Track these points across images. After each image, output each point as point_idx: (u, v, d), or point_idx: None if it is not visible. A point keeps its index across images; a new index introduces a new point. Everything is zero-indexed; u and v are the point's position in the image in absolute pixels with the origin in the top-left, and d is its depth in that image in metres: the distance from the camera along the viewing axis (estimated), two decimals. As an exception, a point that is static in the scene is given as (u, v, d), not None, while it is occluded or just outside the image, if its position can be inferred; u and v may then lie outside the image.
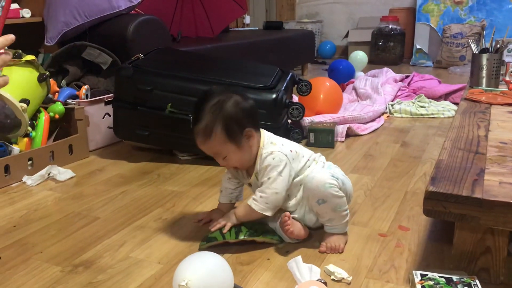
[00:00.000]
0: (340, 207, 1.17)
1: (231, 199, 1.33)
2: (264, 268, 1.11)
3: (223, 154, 1.16)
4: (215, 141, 1.13)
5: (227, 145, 1.14)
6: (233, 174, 1.29)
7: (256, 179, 1.20)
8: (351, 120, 2.28)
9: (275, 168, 1.15)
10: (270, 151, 1.17)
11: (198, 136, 1.14)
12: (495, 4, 4.24)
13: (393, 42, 4.59)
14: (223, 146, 1.14)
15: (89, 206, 1.49)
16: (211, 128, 1.12)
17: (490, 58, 1.95)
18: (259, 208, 1.15)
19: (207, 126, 1.12)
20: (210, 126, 1.12)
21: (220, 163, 1.19)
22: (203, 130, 1.12)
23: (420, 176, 1.67)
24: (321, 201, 1.15)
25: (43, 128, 1.85)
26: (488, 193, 0.94)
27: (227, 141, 1.13)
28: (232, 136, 1.13)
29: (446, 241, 1.19)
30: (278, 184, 1.15)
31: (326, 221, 1.19)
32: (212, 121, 1.12)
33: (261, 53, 3.27)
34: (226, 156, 1.16)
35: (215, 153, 1.16)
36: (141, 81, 1.81)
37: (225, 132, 1.12)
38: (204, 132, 1.12)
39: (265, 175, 1.16)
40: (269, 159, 1.16)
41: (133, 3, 2.42)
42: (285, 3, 5.57)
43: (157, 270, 1.11)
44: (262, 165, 1.17)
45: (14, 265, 1.15)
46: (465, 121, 1.48)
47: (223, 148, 1.14)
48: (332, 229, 1.20)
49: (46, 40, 2.36)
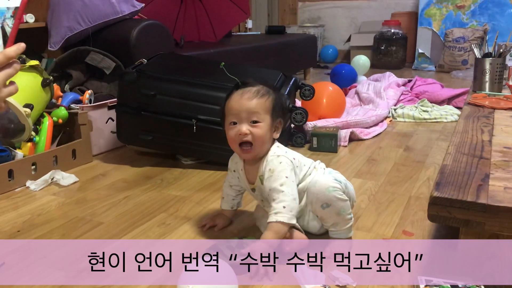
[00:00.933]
0: (344, 211, 1.17)
1: (232, 206, 1.33)
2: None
3: (259, 118, 1.14)
4: (261, 103, 1.14)
5: (266, 116, 1.15)
6: (233, 180, 1.29)
7: (260, 183, 1.19)
8: (354, 124, 2.28)
9: (283, 172, 1.14)
10: (277, 154, 1.17)
11: (246, 93, 1.14)
12: (498, 8, 4.24)
13: (395, 46, 4.59)
14: (264, 112, 1.14)
15: (93, 211, 1.49)
16: (264, 93, 1.15)
17: (493, 63, 1.95)
18: (287, 218, 1.11)
19: (261, 89, 1.16)
20: (264, 92, 1.16)
21: (241, 134, 1.14)
22: (257, 90, 1.15)
23: (423, 181, 1.67)
24: (325, 205, 1.15)
25: (46, 133, 1.86)
26: (493, 198, 0.94)
27: (269, 112, 1.15)
28: (274, 113, 1.16)
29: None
30: (292, 189, 1.14)
31: (331, 226, 1.19)
32: (266, 91, 1.16)
33: (264, 58, 3.28)
34: (259, 123, 1.14)
35: (254, 112, 1.13)
36: (145, 86, 1.82)
37: (272, 105, 1.15)
38: (257, 92, 1.15)
39: (272, 181, 1.14)
40: (275, 162, 1.15)
41: (136, 8, 2.43)
42: (287, 7, 5.58)
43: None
44: (267, 167, 1.16)
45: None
46: (469, 126, 1.47)
47: (262, 114, 1.14)
48: (336, 234, 1.19)
49: (49, 45, 2.37)
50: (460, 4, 4.39)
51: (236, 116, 1.15)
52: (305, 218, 1.23)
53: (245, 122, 1.14)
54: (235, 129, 1.15)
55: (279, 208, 1.12)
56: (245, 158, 1.19)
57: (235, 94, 1.16)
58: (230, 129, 1.16)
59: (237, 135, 1.14)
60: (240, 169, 1.24)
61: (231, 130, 1.16)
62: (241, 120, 1.14)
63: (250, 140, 1.14)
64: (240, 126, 1.14)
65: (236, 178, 1.28)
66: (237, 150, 1.18)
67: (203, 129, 1.80)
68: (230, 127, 1.16)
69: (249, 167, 1.22)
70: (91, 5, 2.31)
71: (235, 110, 1.14)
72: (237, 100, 1.15)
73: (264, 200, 1.23)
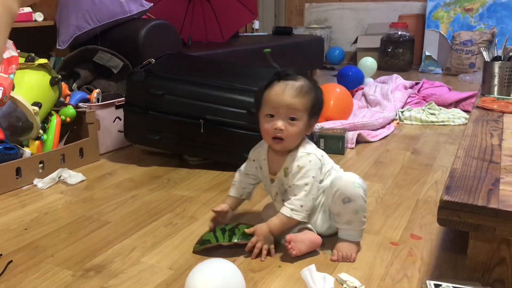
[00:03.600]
0: (362, 211, 1.17)
1: (241, 194, 1.31)
2: (276, 275, 1.10)
3: (297, 116, 1.14)
4: (302, 102, 1.14)
5: (304, 114, 1.15)
6: (251, 169, 1.28)
7: (284, 175, 1.19)
8: (361, 126, 2.28)
9: (311, 172, 1.15)
10: (307, 152, 1.17)
11: (289, 89, 1.13)
12: (506, 11, 4.22)
13: (402, 49, 4.58)
14: (303, 111, 1.14)
15: (100, 210, 1.50)
16: (306, 92, 1.14)
17: (502, 66, 1.94)
18: (301, 217, 1.15)
19: (304, 87, 1.14)
20: (306, 89, 1.14)
21: (276, 129, 1.14)
22: (299, 87, 1.14)
23: (431, 184, 1.66)
24: (347, 199, 1.15)
25: (54, 131, 1.86)
26: (504, 203, 0.93)
27: (307, 110, 1.15)
28: (312, 111, 1.16)
29: (459, 250, 1.18)
30: (314, 190, 1.16)
31: (344, 224, 1.18)
32: (309, 87, 1.15)
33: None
34: (296, 120, 1.14)
35: (293, 109, 1.13)
36: (153, 86, 1.82)
37: (312, 103, 1.15)
38: (299, 89, 1.14)
39: (299, 177, 1.15)
40: (305, 160, 1.16)
41: (145, 7, 2.43)
42: (294, 8, 5.58)
43: (168, 276, 1.11)
44: (295, 162, 1.16)
45: (25, 269, 1.15)
46: (478, 130, 1.47)
47: (301, 112, 1.14)
48: (347, 235, 1.19)
49: (58, 44, 2.38)
50: (468, 7, 4.37)
51: (275, 110, 1.14)
52: (313, 217, 1.23)
53: (283, 117, 1.14)
54: (271, 122, 1.15)
55: (296, 205, 1.14)
56: (276, 148, 1.19)
57: (277, 86, 1.15)
58: (266, 121, 1.16)
59: (272, 128, 1.14)
60: (263, 158, 1.24)
61: (267, 122, 1.16)
62: (279, 115, 1.14)
63: (284, 137, 1.15)
64: (277, 121, 1.14)
65: (255, 168, 1.28)
66: (268, 141, 1.19)
67: (211, 130, 1.80)
68: (266, 119, 1.16)
69: (274, 158, 1.22)
70: (100, 4, 2.31)
71: (274, 104, 1.14)
72: (278, 93, 1.14)
73: (279, 193, 1.23)
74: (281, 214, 1.16)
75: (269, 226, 1.16)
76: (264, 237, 1.16)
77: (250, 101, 1.77)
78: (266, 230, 1.16)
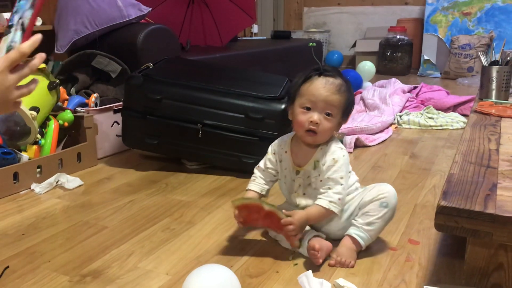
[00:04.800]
0: (388, 221, 1.21)
1: (262, 190, 1.30)
2: (273, 281, 1.10)
3: (332, 112, 1.16)
4: (340, 99, 1.16)
5: (339, 112, 1.18)
6: (270, 164, 1.28)
7: (313, 167, 1.20)
8: (359, 131, 2.28)
9: (345, 166, 1.19)
10: (340, 147, 1.21)
11: (329, 85, 1.16)
12: (504, 15, 4.23)
13: (401, 53, 4.58)
14: (339, 108, 1.17)
15: (97, 215, 1.49)
16: (344, 90, 1.17)
17: (500, 71, 1.94)
18: (338, 210, 1.17)
19: (342, 85, 1.18)
20: (344, 88, 1.18)
21: (312, 122, 1.15)
22: (338, 84, 1.17)
23: (429, 189, 1.66)
24: (386, 204, 1.18)
25: (52, 135, 1.86)
26: (501, 208, 0.93)
27: (342, 109, 1.18)
28: (345, 111, 1.19)
29: (456, 255, 1.18)
30: (348, 185, 1.20)
31: (364, 223, 1.18)
32: (347, 88, 1.19)
33: (269, 63, 3.28)
34: (331, 116, 1.16)
35: (330, 105, 1.16)
36: (151, 90, 1.82)
37: (347, 104, 1.19)
38: (339, 87, 1.17)
39: (334, 171, 1.17)
40: (339, 154, 1.19)
41: (143, 12, 2.43)
42: (292, 12, 5.59)
43: (165, 282, 1.10)
44: (330, 155, 1.18)
45: (22, 274, 1.15)
46: (476, 134, 1.46)
47: (337, 109, 1.17)
48: (357, 235, 1.18)
49: (56, 48, 2.38)
50: (466, 11, 4.38)
51: (313, 103, 1.16)
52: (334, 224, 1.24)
53: (319, 111, 1.16)
54: (307, 115, 1.16)
55: (334, 198, 1.16)
56: (307, 141, 1.20)
57: (317, 80, 1.17)
58: (302, 113, 1.17)
59: (307, 121, 1.16)
60: (284, 151, 1.26)
61: (303, 114, 1.17)
62: (316, 109, 1.16)
63: (318, 131, 1.16)
64: (313, 113, 1.16)
65: (274, 161, 1.28)
66: (301, 132, 1.19)
67: (209, 134, 1.80)
68: (302, 111, 1.17)
69: (300, 150, 1.23)
70: (98, 9, 2.31)
71: (314, 97, 1.16)
72: (319, 88, 1.16)
73: (302, 185, 1.23)
74: (318, 205, 1.17)
75: (307, 213, 1.17)
76: (299, 221, 1.15)
77: (248, 106, 1.77)
78: (303, 216, 1.16)
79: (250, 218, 1.20)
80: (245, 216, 1.19)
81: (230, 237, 1.32)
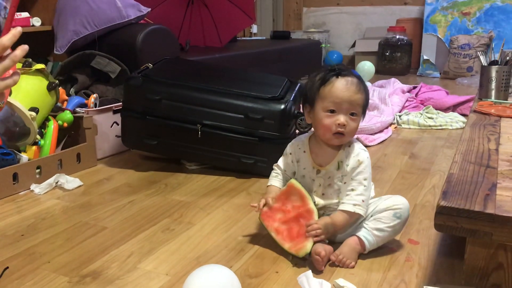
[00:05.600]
0: (397, 232, 1.23)
1: (283, 185, 1.31)
2: (273, 281, 1.10)
3: (357, 111, 1.17)
4: (362, 98, 1.17)
5: (361, 110, 1.18)
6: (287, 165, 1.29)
7: (336, 168, 1.20)
8: (358, 131, 2.27)
9: (369, 168, 1.20)
10: (363, 149, 1.21)
11: (351, 85, 1.15)
12: (503, 15, 4.23)
13: (400, 53, 4.58)
14: (362, 107, 1.18)
15: (97, 215, 1.49)
16: (364, 88, 1.18)
17: (500, 70, 1.94)
18: (363, 212, 1.17)
19: (361, 83, 1.18)
20: (363, 86, 1.18)
21: (339, 124, 1.15)
22: (358, 83, 1.17)
23: (429, 189, 1.66)
24: (399, 215, 1.19)
25: (51, 136, 1.86)
26: (500, 208, 0.93)
27: (362, 107, 1.18)
28: (364, 109, 1.19)
29: (456, 255, 1.18)
30: (370, 187, 1.21)
31: (374, 228, 1.18)
32: (364, 86, 1.19)
33: (269, 63, 3.28)
34: (356, 115, 1.17)
35: (355, 105, 1.16)
36: (150, 91, 1.82)
37: (366, 101, 1.19)
38: (359, 86, 1.17)
39: (359, 172, 1.18)
40: (364, 156, 1.19)
41: (142, 12, 2.43)
42: (292, 12, 5.59)
43: (165, 282, 1.10)
44: (355, 157, 1.19)
45: (22, 275, 1.14)
46: (475, 134, 1.46)
47: (360, 108, 1.18)
48: (365, 238, 1.18)
49: (55, 49, 2.38)
50: (466, 11, 4.38)
51: (337, 105, 1.16)
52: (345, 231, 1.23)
53: (344, 112, 1.16)
54: (333, 118, 1.16)
55: (358, 200, 1.17)
56: (334, 143, 1.20)
57: (338, 81, 1.16)
58: (327, 116, 1.17)
59: (335, 124, 1.16)
60: (302, 151, 1.26)
61: (328, 118, 1.17)
62: (341, 111, 1.16)
63: (345, 132, 1.17)
64: (339, 116, 1.16)
65: (290, 161, 1.29)
66: (328, 135, 1.19)
67: (208, 134, 1.80)
68: (327, 115, 1.17)
69: (321, 150, 1.23)
70: (97, 9, 2.31)
71: (338, 99, 1.15)
72: (342, 89, 1.15)
73: (322, 185, 1.23)
74: (343, 211, 1.17)
75: (332, 218, 1.18)
76: (324, 226, 1.16)
77: (248, 106, 1.77)
78: (328, 220, 1.17)
79: (287, 196, 1.23)
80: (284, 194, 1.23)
81: (229, 237, 1.32)
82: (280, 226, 1.21)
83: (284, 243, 1.19)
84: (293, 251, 1.17)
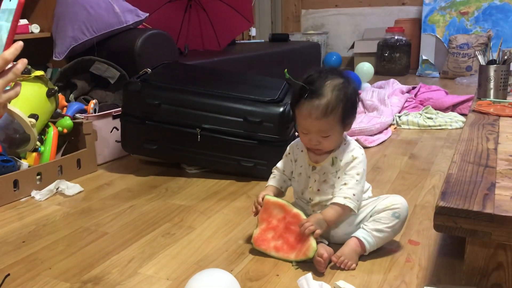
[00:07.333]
0: (396, 232, 1.22)
1: (281, 186, 1.32)
2: (273, 284, 1.10)
3: (328, 133, 1.15)
4: (331, 120, 1.13)
5: (337, 127, 1.15)
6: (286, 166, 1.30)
7: (331, 163, 1.20)
8: (358, 132, 2.28)
9: (362, 164, 1.19)
10: (358, 146, 1.22)
11: (315, 111, 1.12)
12: (501, 14, 4.24)
13: (399, 53, 4.59)
14: (334, 127, 1.15)
15: (97, 221, 1.49)
16: (333, 108, 1.12)
17: (498, 70, 1.94)
18: (354, 206, 1.17)
19: (329, 105, 1.12)
20: (333, 105, 1.12)
21: (312, 144, 1.17)
22: (324, 107, 1.12)
23: (429, 189, 1.66)
24: (398, 215, 1.19)
25: (51, 142, 1.86)
26: (499, 208, 0.93)
27: (339, 123, 1.15)
28: (345, 120, 1.15)
29: (456, 255, 1.18)
30: (364, 183, 1.20)
31: (373, 229, 1.19)
32: (336, 101, 1.12)
33: (268, 66, 3.28)
34: (329, 136, 1.15)
35: (322, 130, 1.14)
36: (149, 96, 1.82)
37: (342, 115, 1.14)
38: (325, 110, 1.12)
39: (352, 167, 1.18)
40: (358, 152, 1.20)
41: (141, 17, 2.44)
42: (290, 15, 5.59)
43: (166, 287, 1.10)
44: (349, 152, 1.19)
45: (23, 282, 1.15)
46: (474, 134, 1.47)
47: (332, 129, 1.15)
48: (365, 239, 1.18)
49: (54, 55, 2.39)
50: (464, 11, 4.39)
51: (307, 130, 1.17)
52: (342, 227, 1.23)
53: (316, 134, 1.16)
54: (307, 137, 1.18)
55: (349, 194, 1.16)
56: (316, 154, 1.22)
57: (303, 106, 1.13)
58: (302, 134, 1.19)
59: (309, 142, 1.18)
60: (300, 150, 1.27)
61: (303, 135, 1.19)
62: (311, 133, 1.16)
63: (321, 148, 1.18)
64: (311, 136, 1.16)
65: (289, 160, 1.30)
66: (308, 147, 1.22)
67: (207, 138, 1.80)
68: (302, 133, 1.19)
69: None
70: (95, 15, 2.32)
71: (304, 127, 1.16)
72: (305, 117, 1.14)
73: (317, 181, 1.23)
74: (334, 204, 1.17)
75: (323, 213, 1.17)
76: (316, 221, 1.16)
77: (247, 109, 1.78)
78: (320, 216, 1.17)
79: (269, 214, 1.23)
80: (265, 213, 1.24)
81: (230, 241, 1.33)
82: (276, 243, 1.21)
83: (288, 255, 1.19)
84: (301, 256, 1.17)
